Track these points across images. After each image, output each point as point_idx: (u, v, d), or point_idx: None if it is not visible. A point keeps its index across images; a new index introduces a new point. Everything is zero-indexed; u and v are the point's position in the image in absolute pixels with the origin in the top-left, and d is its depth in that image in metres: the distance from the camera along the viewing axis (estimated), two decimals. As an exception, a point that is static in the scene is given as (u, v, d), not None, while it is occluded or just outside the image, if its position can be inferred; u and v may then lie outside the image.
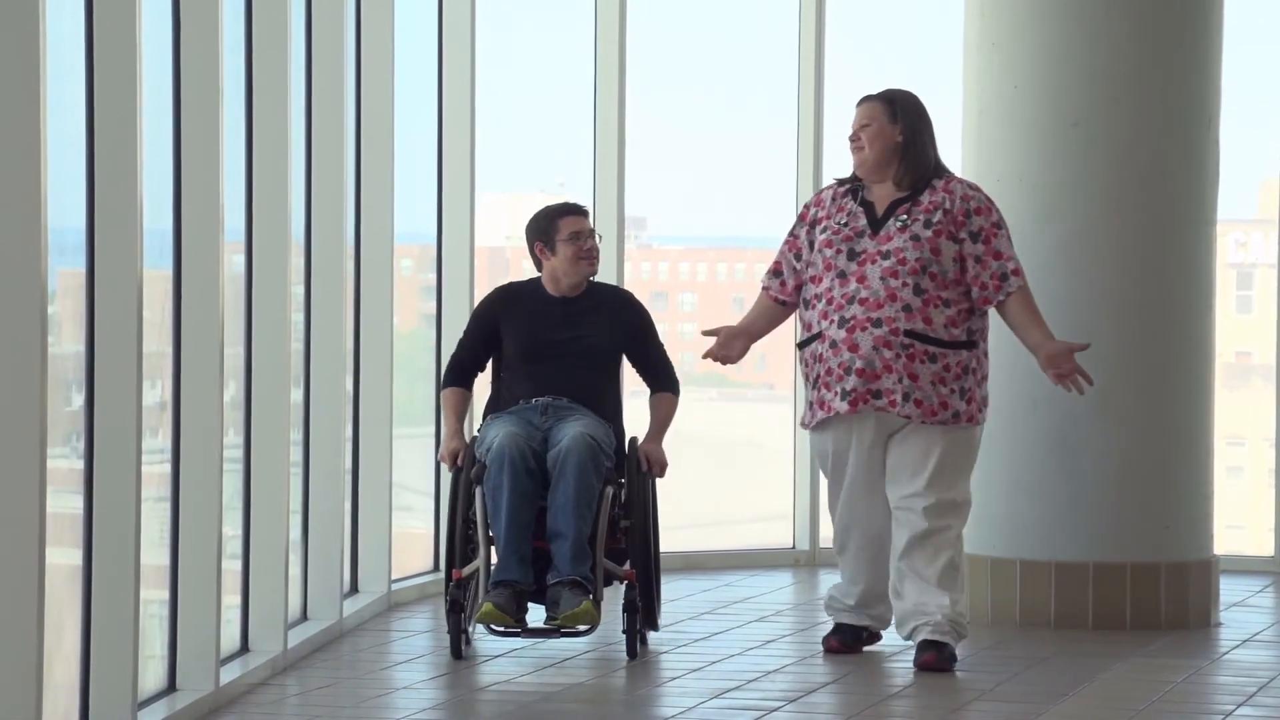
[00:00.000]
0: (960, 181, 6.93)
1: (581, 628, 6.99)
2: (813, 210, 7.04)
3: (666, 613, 7.89)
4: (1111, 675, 7.13)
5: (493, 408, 7.37)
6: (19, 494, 5.04)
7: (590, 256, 7.33)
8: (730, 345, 7.06)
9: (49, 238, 5.12)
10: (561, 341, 7.26)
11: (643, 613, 7.16)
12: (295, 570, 7.53)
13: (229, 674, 6.66)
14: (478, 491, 7.07)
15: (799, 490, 10.05)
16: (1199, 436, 8.27)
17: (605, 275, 10.02)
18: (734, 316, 7.25)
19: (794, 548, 10.10)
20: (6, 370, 5.04)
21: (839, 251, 6.87)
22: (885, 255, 6.80)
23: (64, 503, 5.72)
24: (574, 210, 7.38)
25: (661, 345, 7.43)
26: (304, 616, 7.73)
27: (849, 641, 7.27)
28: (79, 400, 5.81)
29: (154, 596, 6.35)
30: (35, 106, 5.03)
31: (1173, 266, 8.23)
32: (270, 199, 7.15)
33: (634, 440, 7.28)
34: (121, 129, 5.73)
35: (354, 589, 8.32)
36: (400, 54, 8.34)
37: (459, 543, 7.11)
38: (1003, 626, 8.10)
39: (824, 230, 6.92)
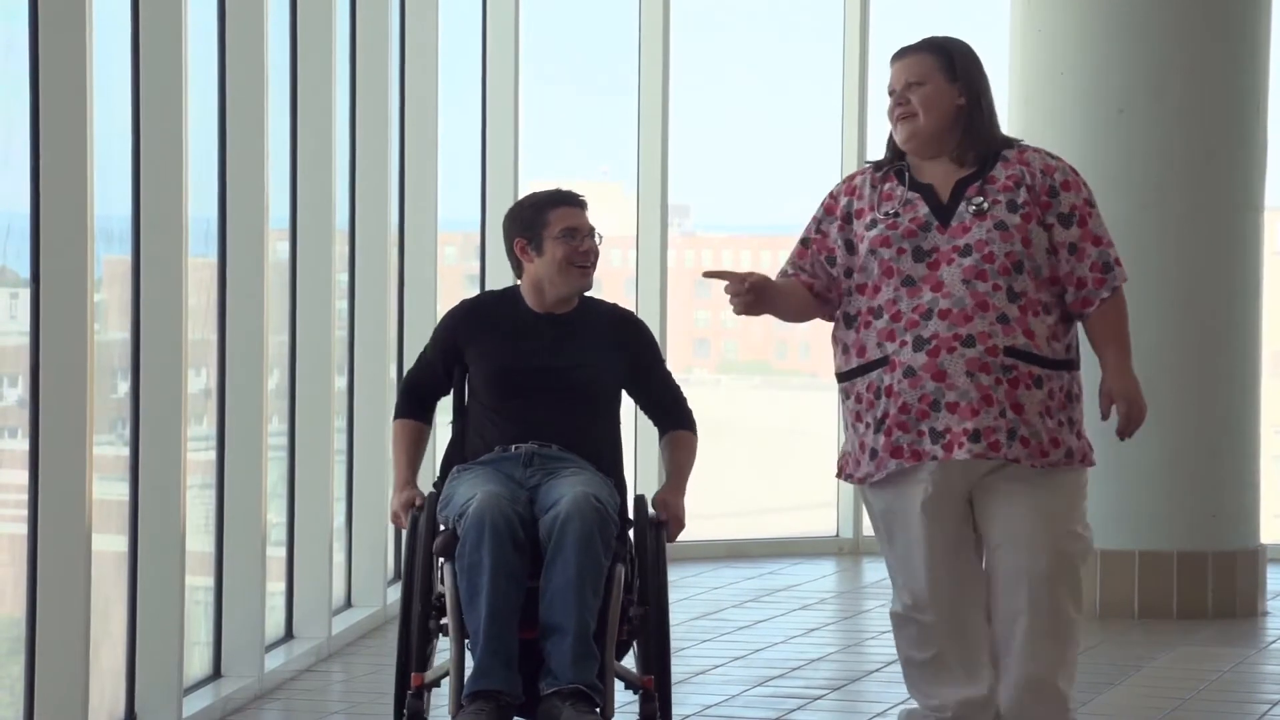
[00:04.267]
0: (1036, 150, 5.09)
1: None
2: (844, 201, 5.12)
3: (709, 600, 7.87)
4: (1158, 664, 7.10)
5: (456, 456, 5.47)
6: (66, 481, 5.06)
7: (586, 262, 5.42)
8: (758, 300, 5.18)
9: (95, 225, 5.14)
10: (548, 371, 5.39)
11: None
12: (339, 557, 7.54)
13: (273, 661, 6.68)
14: (446, 570, 5.17)
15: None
16: (1246, 425, 8.23)
17: (648, 265, 10.09)
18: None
19: (837, 535, 10.09)
20: (53, 357, 5.06)
21: (900, 251, 4.98)
22: (965, 251, 4.95)
23: (110, 489, 5.74)
24: (569, 199, 5.47)
25: (670, 374, 5.62)
26: (348, 603, 7.75)
27: None
28: (124, 387, 5.83)
29: (199, 583, 6.37)
30: (82, 96, 5.05)
31: (1220, 253, 8.19)
32: (314, 187, 7.16)
33: (641, 499, 5.37)
34: (167, 118, 5.75)
35: (398, 575, 8.35)
36: (444, 41, 8.34)
37: (418, 637, 5.20)
38: (1047, 615, 8.07)
39: (871, 225, 5.03)
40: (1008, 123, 8.27)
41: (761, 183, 10.57)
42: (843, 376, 5.12)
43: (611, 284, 10.40)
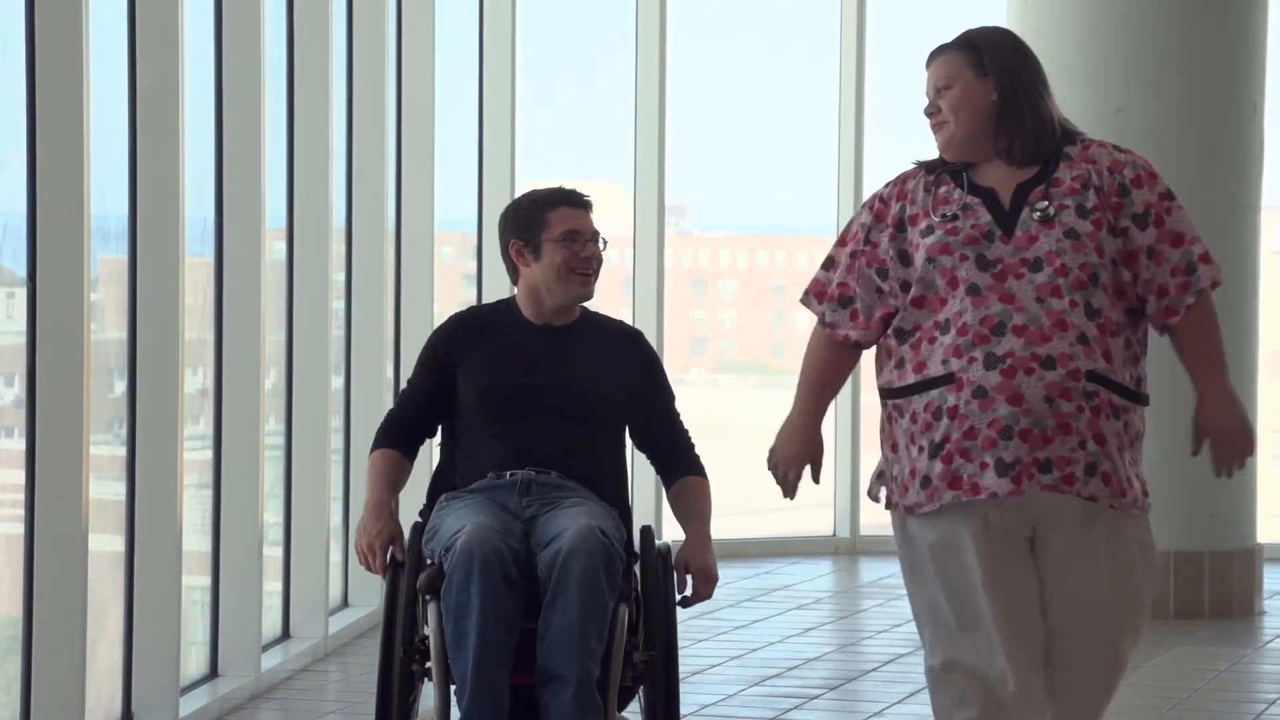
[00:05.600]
0: (1102, 145, 4.44)
1: None
2: (896, 207, 4.46)
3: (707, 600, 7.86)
4: (1155, 664, 7.11)
5: (444, 484, 4.95)
6: (62, 480, 5.06)
7: (587, 269, 4.96)
8: (798, 478, 4.53)
9: (92, 224, 5.14)
10: (546, 389, 4.89)
11: None
12: (336, 557, 7.54)
13: (270, 660, 6.68)
14: (430, 610, 4.69)
15: (839, 478, 10.03)
16: (1242, 424, 8.22)
17: (645, 265, 10.11)
18: (774, 305, 7.02)
19: (834, 535, 10.09)
20: (49, 357, 5.06)
21: (963, 258, 4.33)
22: (1035, 265, 4.31)
23: (107, 489, 5.74)
24: (571, 199, 5.00)
25: (679, 414, 5.06)
26: (345, 603, 7.75)
27: None
28: (121, 387, 5.83)
29: (196, 583, 6.37)
30: (79, 95, 5.05)
31: (1217, 253, 8.08)
32: (311, 186, 7.16)
33: (647, 530, 4.90)
34: (163, 117, 5.75)
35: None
36: (441, 41, 8.34)
37: (399, 684, 4.71)
38: (1044, 615, 8.07)
39: (928, 231, 4.38)
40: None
41: (759, 182, 10.57)
42: (895, 393, 4.37)
43: (609, 283, 10.41)
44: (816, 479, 4.50)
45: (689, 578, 4.87)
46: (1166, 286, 4.35)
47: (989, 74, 4.48)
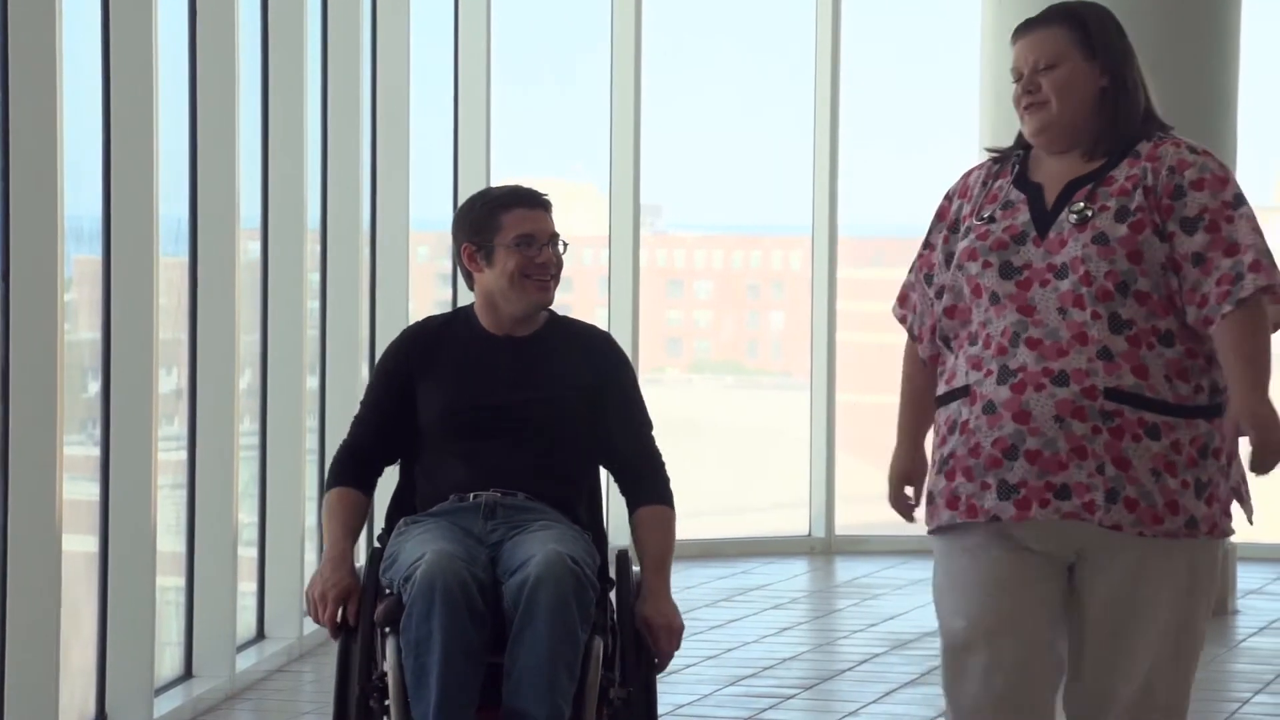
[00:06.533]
0: (1176, 143, 4.06)
1: None
2: (956, 204, 4.13)
3: (681, 600, 7.86)
4: (1128, 663, 7.12)
5: (403, 507, 4.60)
6: (36, 481, 5.05)
7: (544, 275, 4.54)
8: (900, 498, 4.19)
9: (65, 225, 5.13)
10: (510, 405, 4.51)
11: None
12: (311, 557, 7.53)
13: (245, 661, 6.67)
14: (389, 645, 4.35)
15: (815, 477, 10.04)
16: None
17: (620, 264, 10.11)
18: (749, 304, 6.97)
19: (810, 535, 10.10)
20: (24, 357, 5.05)
21: (986, 265, 4.01)
22: (1060, 272, 3.97)
23: (80, 489, 5.73)
24: (526, 199, 4.58)
25: (649, 422, 4.63)
26: (320, 603, 7.74)
27: None
28: (95, 387, 5.82)
29: (170, 583, 6.36)
30: (52, 95, 5.04)
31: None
32: (286, 186, 7.15)
33: (623, 555, 4.54)
34: (137, 117, 5.74)
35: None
36: (416, 40, 8.34)
37: None
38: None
39: (965, 234, 4.07)
40: (979, 119, 8.28)
41: (734, 182, 10.58)
42: (938, 402, 4.10)
43: (584, 283, 10.41)
44: (918, 498, 4.12)
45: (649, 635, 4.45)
46: (1208, 296, 3.94)
47: (1098, 56, 4.08)
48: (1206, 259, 3.94)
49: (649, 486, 4.57)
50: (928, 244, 4.13)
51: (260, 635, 7.08)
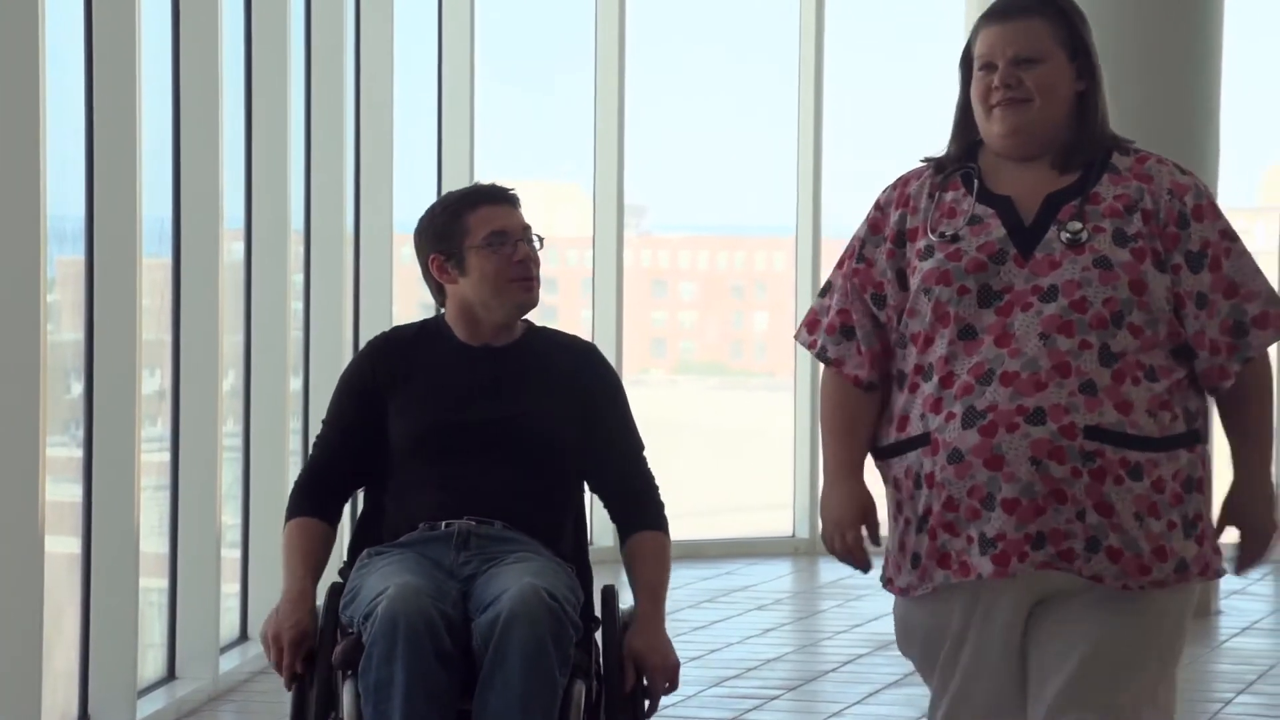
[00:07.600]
0: (1161, 161, 3.70)
1: None
2: (895, 215, 3.70)
3: (667, 600, 7.88)
4: (1112, 663, 7.13)
5: (369, 536, 4.20)
6: (18, 482, 5.04)
7: (527, 273, 4.17)
8: (859, 543, 3.70)
9: (48, 225, 5.12)
10: (487, 424, 4.13)
11: None
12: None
13: (228, 662, 6.66)
14: (346, 689, 3.95)
15: (799, 478, 10.05)
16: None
17: (604, 265, 10.11)
18: (734, 305, 6.95)
19: (793, 536, 10.10)
20: (6, 358, 5.04)
21: (963, 291, 3.59)
22: (1048, 295, 3.58)
23: (63, 491, 5.72)
24: (491, 196, 4.24)
25: (641, 444, 4.26)
26: (304, 605, 7.73)
27: None
28: (78, 388, 5.81)
29: (153, 585, 6.35)
30: (35, 95, 5.03)
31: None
32: (270, 187, 7.15)
33: (610, 591, 4.17)
34: (120, 117, 5.73)
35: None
36: (400, 41, 8.33)
37: None
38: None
39: (926, 254, 3.63)
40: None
41: (718, 183, 10.58)
42: (877, 453, 3.67)
43: (568, 285, 10.41)
44: (875, 538, 3.69)
45: (643, 672, 4.07)
46: (1218, 345, 3.62)
47: (1077, 57, 3.69)
48: (1209, 301, 3.62)
49: (643, 513, 4.20)
50: (863, 258, 3.68)
51: (243, 637, 7.07)
